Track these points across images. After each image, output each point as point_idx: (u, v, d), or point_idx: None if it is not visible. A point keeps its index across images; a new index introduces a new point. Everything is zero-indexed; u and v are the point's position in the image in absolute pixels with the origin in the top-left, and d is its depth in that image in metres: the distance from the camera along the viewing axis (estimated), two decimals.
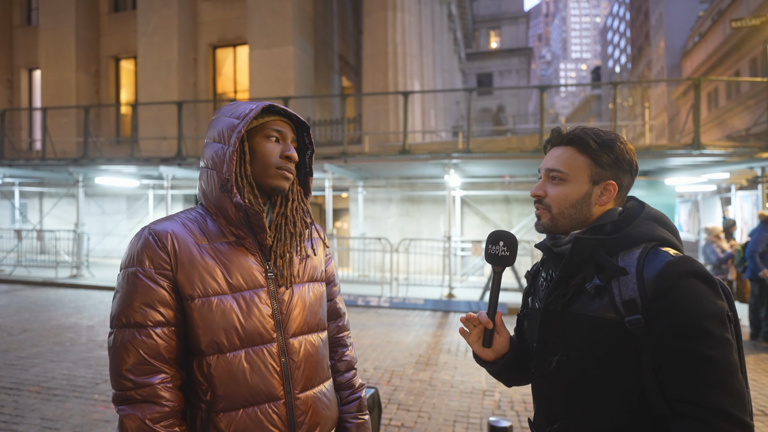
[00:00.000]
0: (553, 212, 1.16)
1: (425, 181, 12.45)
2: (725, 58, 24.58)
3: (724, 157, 9.08)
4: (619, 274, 1.05)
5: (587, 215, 1.15)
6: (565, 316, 1.11)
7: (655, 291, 1.00)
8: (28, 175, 13.42)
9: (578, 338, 1.08)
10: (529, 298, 1.30)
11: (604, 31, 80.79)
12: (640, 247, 1.07)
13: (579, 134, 1.15)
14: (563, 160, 1.15)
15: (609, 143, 1.13)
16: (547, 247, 1.20)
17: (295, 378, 1.16)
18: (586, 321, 1.07)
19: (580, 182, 1.14)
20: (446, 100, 26.48)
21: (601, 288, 1.06)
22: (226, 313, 1.10)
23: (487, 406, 4.23)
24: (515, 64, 39.45)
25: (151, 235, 1.10)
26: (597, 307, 1.06)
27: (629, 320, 1.01)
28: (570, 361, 1.09)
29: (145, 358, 1.05)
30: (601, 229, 1.12)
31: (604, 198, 1.14)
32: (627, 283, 1.03)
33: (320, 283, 1.31)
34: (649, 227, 1.10)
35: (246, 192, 1.15)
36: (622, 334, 1.02)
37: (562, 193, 1.15)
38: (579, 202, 1.14)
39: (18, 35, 18.51)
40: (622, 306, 1.03)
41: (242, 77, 16.27)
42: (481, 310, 1.27)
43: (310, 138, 1.30)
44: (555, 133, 1.20)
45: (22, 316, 7.66)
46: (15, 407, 4.02)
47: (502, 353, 1.24)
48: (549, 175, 1.18)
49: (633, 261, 1.05)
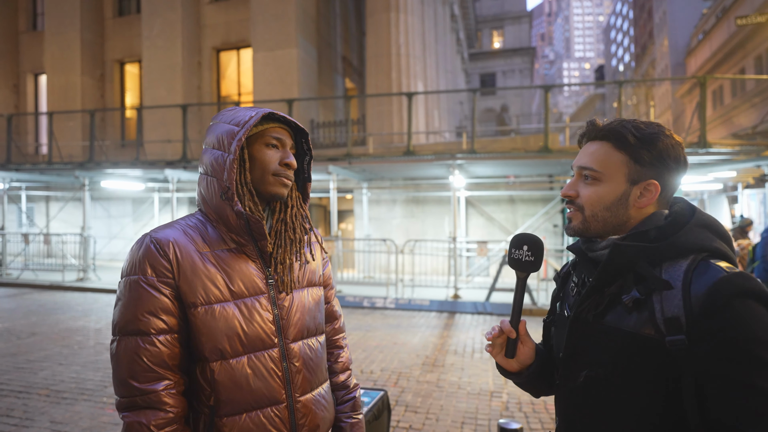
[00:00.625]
0: (586, 215, 1.05)
1: (430, 182, 12.44)
2: (730, 56, 24.44)
3: (730, 156, 9.03)
4: (662, 288, 0.94)
5: (624, 219, 1.03)
6: (596, 327, 1.01)
7: (704, 310, 0.89)
8: (34, 179, 13.50)
9: (610, 354, 0.98)
10: (557, 303, 1.19)
11: (607, 29, 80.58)
12: (688, 258, 0.95)
13: (616, 128, 1.03)
14: (597, 156, 1.04)
15: (651, 138, 1.00)
16: (581, 251, 1.10)
17: (295, 382, 1.18)
18: (620, 336, 0.96)
19: (616, 182, 1.02)
20: (450, 100, 26.47)
21: (640, 301, 0.95)
22: (229, 320, 1.12)
23: (495, 408, 4.22)
24: (518, 64, 39.40)
25: (153, 242, 1.11)
26: (634, 322, 0.95)
27: (671, 340, 0.90)
28: (599, 378, 0.99)
29: (148, 366, 1.06)
30: (645, 235, 1.01)
31: (644, 200, 1.02)
32: (671, 299, 0.92)
33: (318, 288, 1.33)
34: (699, 235, 0.98)
35: (246, 199, 1.16)
36: (661, 354, 0.92)
37: (595, 194, 1.04)
38: (615, 204, 1.03)
39: (24, 40, 18.64)
40: (663, 323, 0.92)
41: (246, 80, 16.32)
42: (487, 311, 1.25)
43: (308, 144, 1.31)
44: (590, 126, 1.08)
45: (30, 319, 7.70)
46: (24, 410, 4.04)
47: (527, 364, 1.16)
48: (581, 173, 1.07)
49: (679, 274, 0.94)
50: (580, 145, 1.11)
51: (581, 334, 1.04)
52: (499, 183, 12.10)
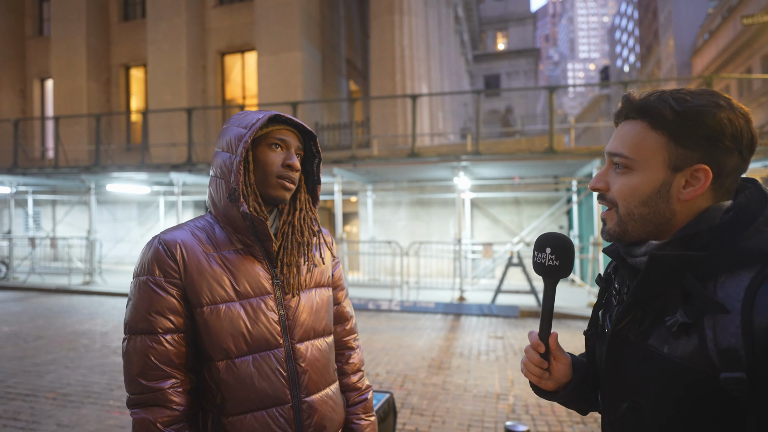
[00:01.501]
0: (621, 212, 0.86)
1: (434, 184, 12.43)
2: (736, 55, 24.31)
3: None
4: (714, 311, 0.73)
5: (667, 216, 0.83)
6: (638, 349, 0.83)
7: None
8: (41, 183, 13.60)
9: (653, 383, 0.80)
10: (600, 312, 1.00)
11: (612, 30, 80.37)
12: (753, 269, 0.73)
13: (653, 102, 0.82)
14: (629, 139, 0.84)
15: (697, 112, 0.78)
16: (619, 255, 0.92)
17: (301, 382, 1.19)
18: (663, 364, 0.78)
19: (652, 169, 0.82)
20: (454, 102, 26.46)
21: (688, 326, 0.76)
22: (234, 320, 1.13)
23: (502, 410, 4.19)
24: (523, 65, 39.35)
25: (161, 244, 1.13)
26: (681, 349, 0.76)
27: (727, 378, 0.71)
28: (641, 412, 0.82)
29: (155, 364, 1.09)
30: (694, 239, 0.79)
31: (690, 190, 0.81)
32: (726, 325, 0.72)
33: (327, 288, 1.33)
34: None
35: (251, 200, 1.17)
36: (715, 391, 0.73)
37: (627, 186, 0.84)
38: (653, 198, 0.83)
39: (30, 46, 18.79)
40: (716, 356, 0.72)
41: (250, 83, 16.37)
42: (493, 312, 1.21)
43: (317, 147, 1.32)
44: (624, 101, 0.87)
45: (36, 322, 7.73)
46: (31, 413, 4.05)
47: (563, 382, 0.99)
48: (612, 161, 0.87)
49: (739, 292, 0.72)
50: (616, 125, 0.91)
51: (621, 355, 0.87)
52: (504, 184, 12.07)
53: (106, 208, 15.78)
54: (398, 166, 10.44)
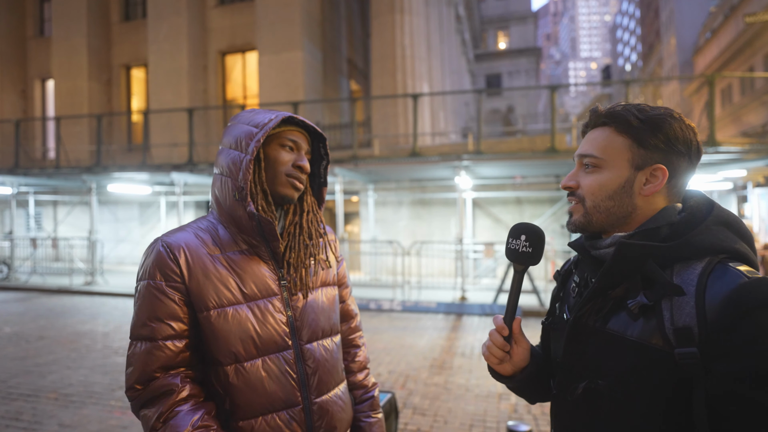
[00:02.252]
0: (587, 206, 0.96)
1: (436, 184, 12.41)
2: (738, 54, 24.23)
3: (740, 154, 8.94)
4: (672, 293, 0.84)
5: (629, 209, 0.94)
6: (598, 334, 0.92)
7: (721, 322, 0.79)
8: (42, 183, 13.61)
9: (612, 364, 0.89)
10: (557, 304, 1.09)
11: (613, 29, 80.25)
12: (703, 260, 0.85)
13: (618, 111, 0.95)
14: (598, 142, 0.96)
15: (656, 119, 0.92)
16: (583, 248, 1.01)
17: (311, 383, 1.17)
18: (623, 345, 0.88)
19: (618, 168, 0.94)
20: (455, 101, 26.43)
21: (648, 308, 0.86)
22: (242, 323, 1.11)
23: (504, 410, 4.18)
24: (524, 65, 39.29)
25: (163, 247, 1.11)
26: (640, 331, 0.86)
27: (680, 353, 0.81)
28: (599, 390, 0.90)
29: (155, 371, 1.08)
30: (655, 233, 0.91)
31: (650, 186, 0.93)
32: (682, 306, 0.83)
33: (332, 287, 1.32)
34: (718, 235, 0.88)
35: (259, 199, 1.16)
36: (669, 367, 0.83)
37: (596, 182, 0.95)
38: (618, 193, 0.94)
39: (31, 46, 18.81)
40: (672, 334, 0.82)
41: (251, 83, 16.37)
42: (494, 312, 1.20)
43: (326, 149, 1.32)
44: (592, 113, 1.00)
45: (38, 323, 7.74)
46: (33, 414, 4.05)
47: (521, 366, 1.06)
48: (582, 161, 0.99)
49: (693, 278, 0.84)
50: (583, 136, 1.03)
51: (581, 341, 0.95)
52: (505, 184, 12.05)
53: (108, 208, 15.78)
54: (399, 166, 10.43)
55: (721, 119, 24.92)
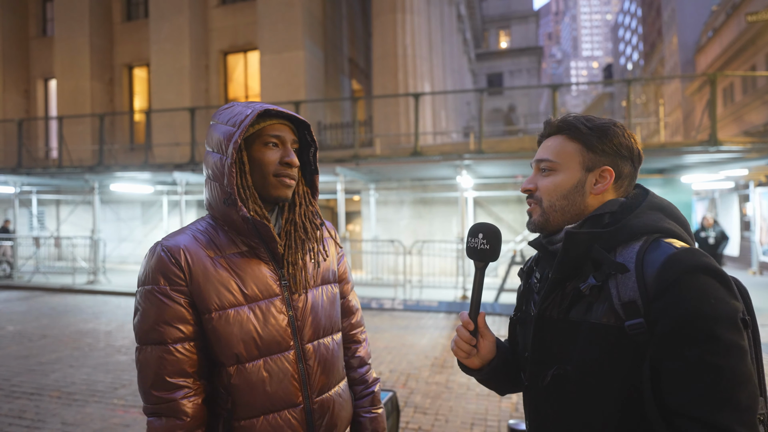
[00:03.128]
0: (544, 206, 1.05)
1: (437, 183, 12.41)
2: (740, 53, 24.17)
3: (741, 153, 8.92)
4: (617, 270, 0.92)
5: (582, 207, 1.03)
6: (561, 324, 0.99)
7: (656, 290, 0.86)
8: (45, 183, 13.64)
9: (576, 349, 0.95)
10: (522, 301, 1.17)
11: (615, 28, 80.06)
12: (640, 240, 0.94)
13: (569, 120, 1.06)
14: (553, 148, 1.06)
15: (602, 128, 1.03)
16: (541, 245, 1.09)
17: (312, 383, 1.18)
18: (584, 329, 0.94)
19: (571, 170, 1.03)
20: (457, 101, 26.41)
21: (598, 288, 0.94)
22: (244, 324, 1.11)
23: (505, 409, 4.19)
24: (526, 64, 39.21)
25: (164, 251, 1.10)
26: (595, 312, 0.93)
27: (630, 324, 0.87)
28: (567, 376, 0.96)
29: (168, 374, 1.07)
30: (598, 220, 1.00)
31: (599, 186, 1.03)
32: (626, 282, 0.90)
33: (333, 284, 1.31)
34: (651, 217, 0.97)
35: (251, 203, 1.13)
36: (624, 341, 0.89)
37: (551, 184, 1.05)
38: (571, 192, 1.03)
39: (34, 46, 18.85)
40: (621, 309, 0.89)
41: (253, 82, 16.38)
42: (496, 311, 1.23)
43: (311, 135, 1.26)
44: (546, 125, 1.11)
45: (41, 322, 7.77)
46: (36, 412, 4.07)
47: (488, 359, 1.13)
48: (539, 166, 1.08)
49: (632, 256, 0.92)
50: (539, 145, 1.12)
51: (547, 332, 1.02)
52: (507, 183, 12.04)
53: (110, 207, 15.82)
54: (401, 165, 10.44)
55: (722, 118, 24.85)
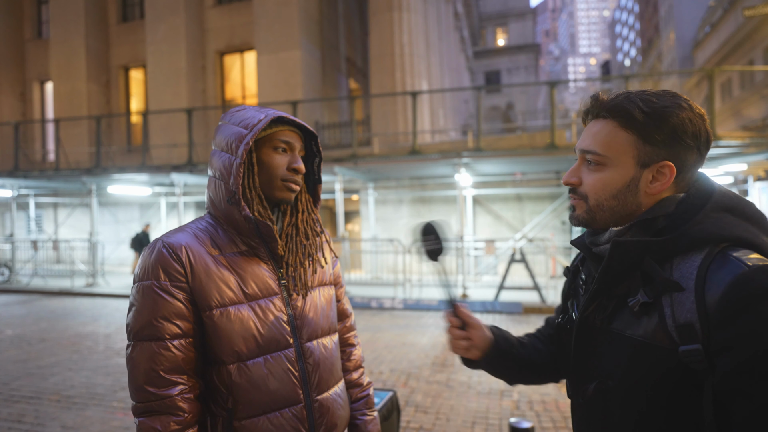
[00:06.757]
0: (590, 204, 0.92)
1: (436, 181, 12.40)
2: (738, 48, 24.18)
3: (740, 148, 8.92)
4: (670, 289, 0.80)
5: (634, 207, 0.90)
6: (604, 334, 0.90)
7: (721, 315, 0.75)
8: (42, 186, 13.61)
9: (618, 363, 0.87)
10: (568, 302, 1.06)
11: (612, 24, 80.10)
12: (703, 251, 0.80)
13: (621, 103, 0.88)
14: (601, 138, 0.90)
15: (662, 112, 0.85)
16: (585, 246, 0.98)
17: (312, 381, 1.18)
18: (628, 344, 0.85)
19: (623, 166, 0.89)
20: (455, 99, 26.40)
21: (649, 305, 0.83)
22: (244, 322, 1.12)
23: (506, 407, 4.18)
24: (523, 61, 39.23)
25: (165, 247, 1.11)
26: (643, 329, 0.83)
27: (684, 350, 0.78)
28: (609, 391, 0.88)
29: (164, 371, 1.06)
30: (650, 225, 0.88)
31: (657, 185, 0.88)
32: (682, 302, 0.79)
33: (329, 287, 1.33)
34: (718, 222, 0.82)
35: (255, 204, 1.15)
36: (675, 365, 0.79)
37: (600, 181, 0.91)
38: (623, 192, 0.89)
39: (30, 48, 18.80)
40: (675, 331, 0.79)
41: (250, 83, 16.36)
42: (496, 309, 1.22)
43: (318, 146, 1.31)
44: (593, 101, 0.93)
45: (40, 325, 7.74)
46: (36, 416, 4.05)
47: (485, 346, 1.09)
48: (584, 157, 0.93)
49: (692, 272, 0.80)
50: (585, 123, 0.96)
51: (588, 340, 0.93)
52: (505, 181, 12.03)
53: (108, 209, 15.79)
54: (399, 164, 10.42)
55: (721, 113, 24.86)
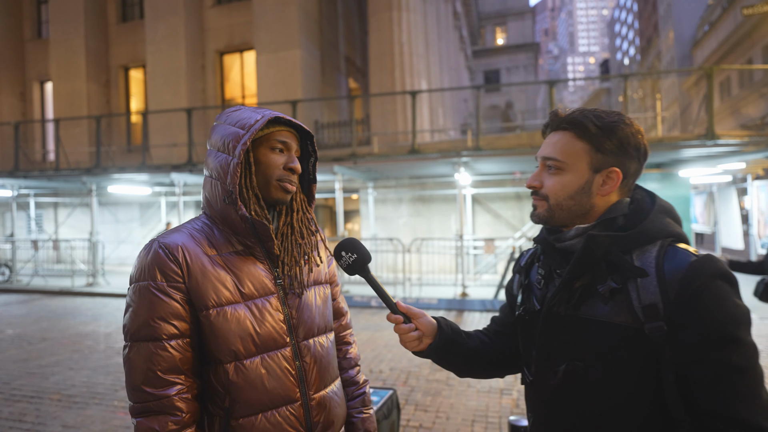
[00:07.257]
0: (551, 203, 1.07)
1: (435, 180, 12.41)
2: (737, 46, 24.19)
3: (739, 147, 8.93)
4: (638, 275, 0.94)
5: (587, 207, 1.05)
6: (572, 321, 1.01)
7: (681, 296, 0.90)
8: (42, 185, 13.61)
9: (588, 345, 0.98)
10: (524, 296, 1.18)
11: (611, 23, 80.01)
12: (656, 244, 0.97)
13: (577, 117, 1.04)
14: (560, 146, 1.05)
15: (611, 126, 1.01)
16: (547, 242, 1.11)
17: (309, 379, 1.19)
18: (598, 327, 0.97)
19: (579, 171, 1.04)
20: (454, 98, 26.40)
21: (616, 291, 0.96)
22: (241, 321, 1.12)
23: (506, 405, 4.20)
24: (522, 60, 39.20)
25: (161, 248, 1.11)
26: (611, 312, 0.96)
27: (650, 327, 0.91)
28: (578, 371, 0.99)
29: (161, 371, 1.06)
30: (612, 223, 1.02)
31: (606, 187, 1.04)
32: (647, 287, 0.93)
33: (325, 285, 1.34)
34: (664, 222, 1.01)
35: (252, 203, 1.16)
36: (641, 341, 0.93)
37: (559, 184, 1.05)
38: (578, 193, 1.04)
39: (29, 48, 18.79)
40: (641, 311, 0.93)
41: (250, 82, 16.35)
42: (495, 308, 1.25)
43: (313, 146, 1.32)
44: (552, 116, 1.09)
45: (40, 325, 7.76)
46: (37, 415, 4.07)
47: (433, 333, 1.20)
48: (545, 163, 1.08)
49: (651, 261, 0.95)
50: (544, 135, 1.12)
51: (556, 329, 1.04)
52: (505, 180, 12.03)
53: (108, 209, 15.79)
54: (399, 163, 10.43)
55: (719, 112, 24.86)
